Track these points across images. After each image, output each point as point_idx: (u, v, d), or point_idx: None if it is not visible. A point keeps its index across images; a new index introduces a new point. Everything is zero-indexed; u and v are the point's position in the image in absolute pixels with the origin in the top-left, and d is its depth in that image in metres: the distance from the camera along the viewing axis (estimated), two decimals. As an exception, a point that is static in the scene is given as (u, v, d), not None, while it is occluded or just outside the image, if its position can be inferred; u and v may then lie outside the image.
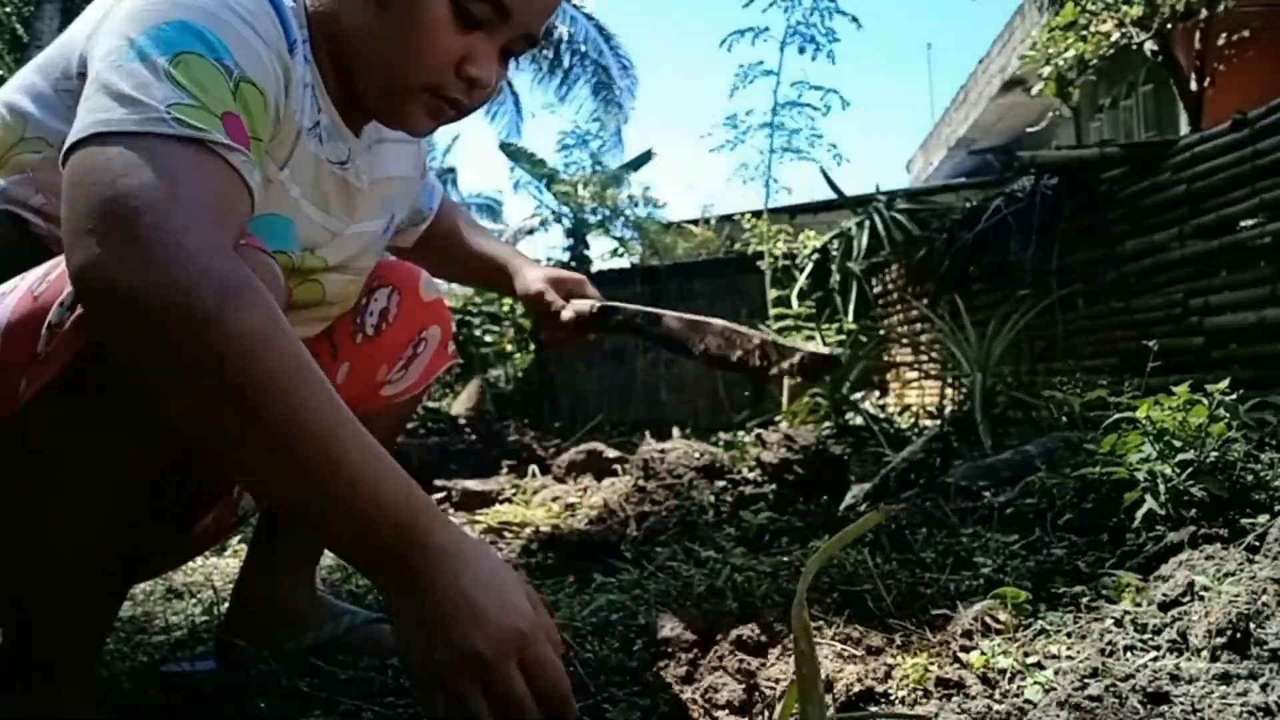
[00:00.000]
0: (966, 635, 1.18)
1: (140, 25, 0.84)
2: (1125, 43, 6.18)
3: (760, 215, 7.59)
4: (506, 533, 2.39)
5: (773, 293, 6.98)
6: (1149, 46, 6.14)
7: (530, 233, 15.31)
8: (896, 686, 1.02)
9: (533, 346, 8.62)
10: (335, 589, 1.74)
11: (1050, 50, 6.56)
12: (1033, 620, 1.22)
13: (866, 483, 2.53)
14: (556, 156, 12.83)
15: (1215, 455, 1.60)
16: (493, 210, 20.39)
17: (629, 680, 1.10)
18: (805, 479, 2.54)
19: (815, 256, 7.42)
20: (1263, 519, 1.44)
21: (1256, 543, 1.36)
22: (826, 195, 8.02)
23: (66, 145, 0.79)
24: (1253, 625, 1.03)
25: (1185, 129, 6.25)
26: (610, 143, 14.14)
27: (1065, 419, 3.04)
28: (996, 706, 0.95)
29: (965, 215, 5.53)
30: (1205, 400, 1.63)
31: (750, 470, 3.01)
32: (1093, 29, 6.23)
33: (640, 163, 14.03)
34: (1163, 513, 1.58)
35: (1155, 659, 1.05)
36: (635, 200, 11.83)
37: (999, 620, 1.22)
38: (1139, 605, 1.24)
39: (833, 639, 1.17)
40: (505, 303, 9.41)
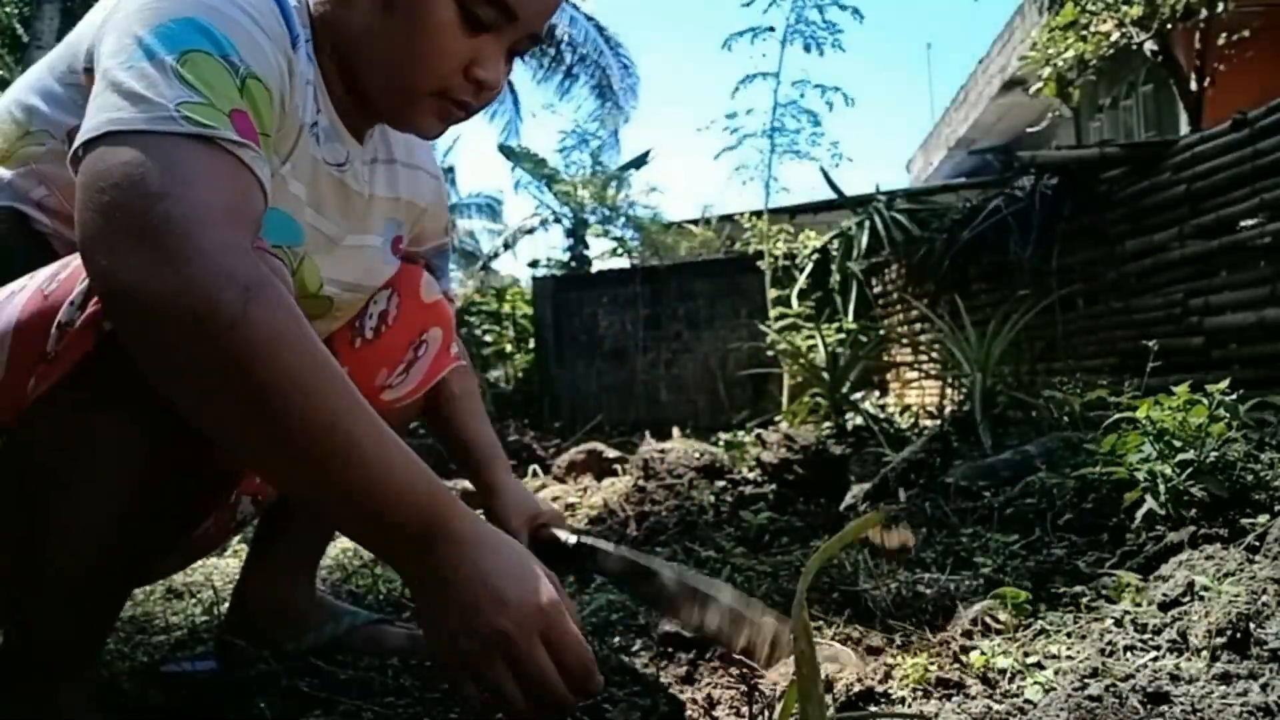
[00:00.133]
0: (966, 635, 1.18)
1: (147, 22, 0.84)
2: (1125, 43, 6.18)
3: (760, 215, 7.59)
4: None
5: (773, 292, 6.98)
6: (1149, 46, 6.15)
7: (530, 232, 15.31)
8: (896, 686, 1.02)
9: (533, 345, 8.61)
10: (335, 589, 1.74)
11: (1050, 50, 6.56)
12: (1033, 620, 1.22)
13: (866, 483, 2.53)
14: (556, 157, 12.84)
15: (1215, 455, 1.60)
16: (493, 210, 20.36)
17: (629, 680, 1.10)
18: (805, 479, 2.54)
19: (815, 256, 7.43)
20: (1263, 519, 1.44)
21: (1256, 543, 1.36)
22: (826, 195, 8.02)
23: (77, 144, 0.78)
24: (1253, 625, 1.03)
25: (1185, 129, 6.25)
26: (608, 143, 14.14)
27: (1065, 419, 3.04)
28: (996, 706, 0.95)
29: (965, 215, 5.53)
30: (1205, 400, 1.63)
31: (750, 470, 3.01)
32: (1093, 29, 6.23)
33: (639, 163, 14.03)
34: (1163, 513, 1.58)
35: (1155, 659, 1.05)
36: (633, 202, 11.83)
37: (999, 620, 1.22)
38: (1139, 605, 1.24)
39: (833, 639, 1.17)
40: (505, 303, 9.42)
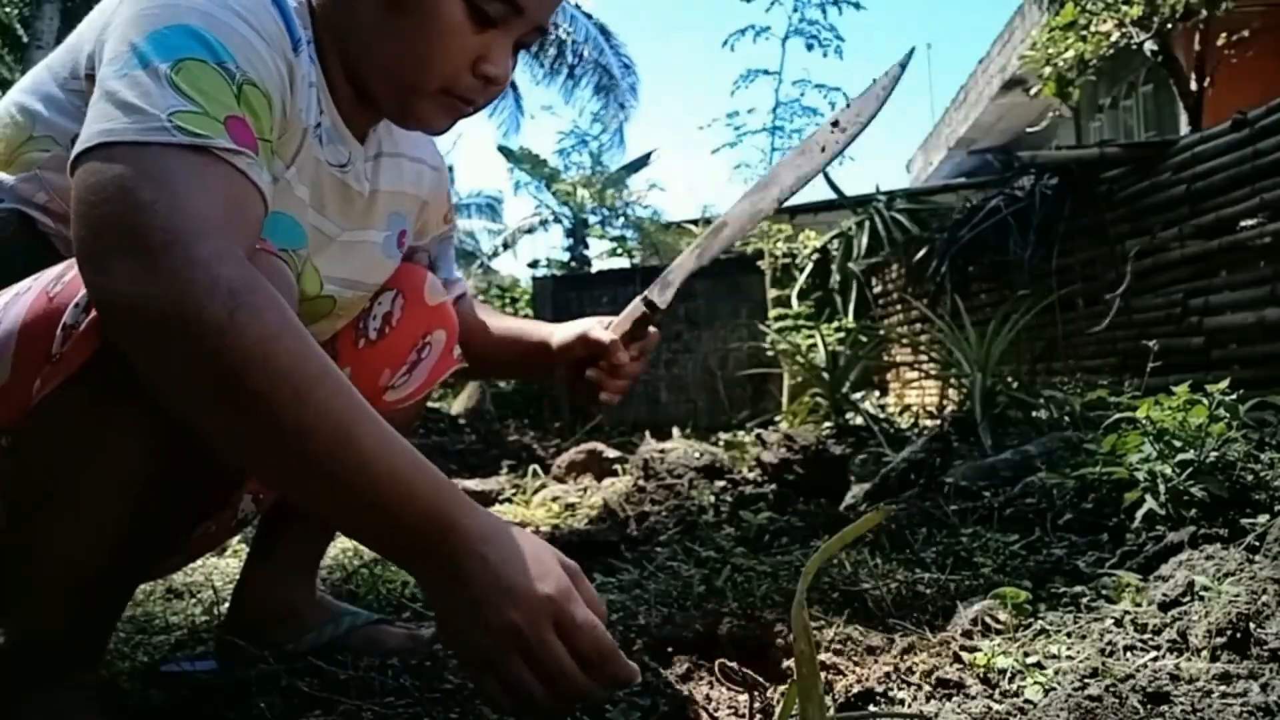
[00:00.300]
0: (966, 635, 1.18)
1: (142, 30, 0.84)
2: (1125, 43, 6.18)
3: (760, 215, 7.58)
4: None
5: (773, 292, 6.99)
6: (1149, 46, 6.14)
7: (530, 232, 15.32)
8: (896, 686, 1.02)
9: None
10: (335, 589, 1.74)
11: (1050, 50, 6.56)
12: (1033, 620, 1.22)
13: (866, 483, 2.53)
14: (556, 157, 12.83)
15: (1215, 455, 1.60)
16: (493, 210, 20.35)
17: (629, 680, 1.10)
18: (805, 479, 2.54)
19: (815, 256, 7.43)
20: (1263, 519, 1.45)
21: (1256, 543, 1.36)
22: (826, 195, 8.03)
23: (73, 156, 0.79)
24: (1253, 625, 1.03)
25: (1185, 129, 6.24)
26: (613, 142, 14.15)
27: (1065, 419, 3.04)
28: (996, 706, 0.95)
29: (965, 215, 5.53)
30: (1205, 400, 1.63)
31: (750, 470, 3.01)
32: (1093, 29, 6.23)
33: (640, 164, 14.03)
34: (1163, 513, 1.58)
35: (1155, 659, 1.05)
36: (630, 201, 11.82)
37: (999, 620, 1.22)
38: (1139, 605, 1.24)
39: (833, 639, 1.17)
40: (506, 303, 9.42)
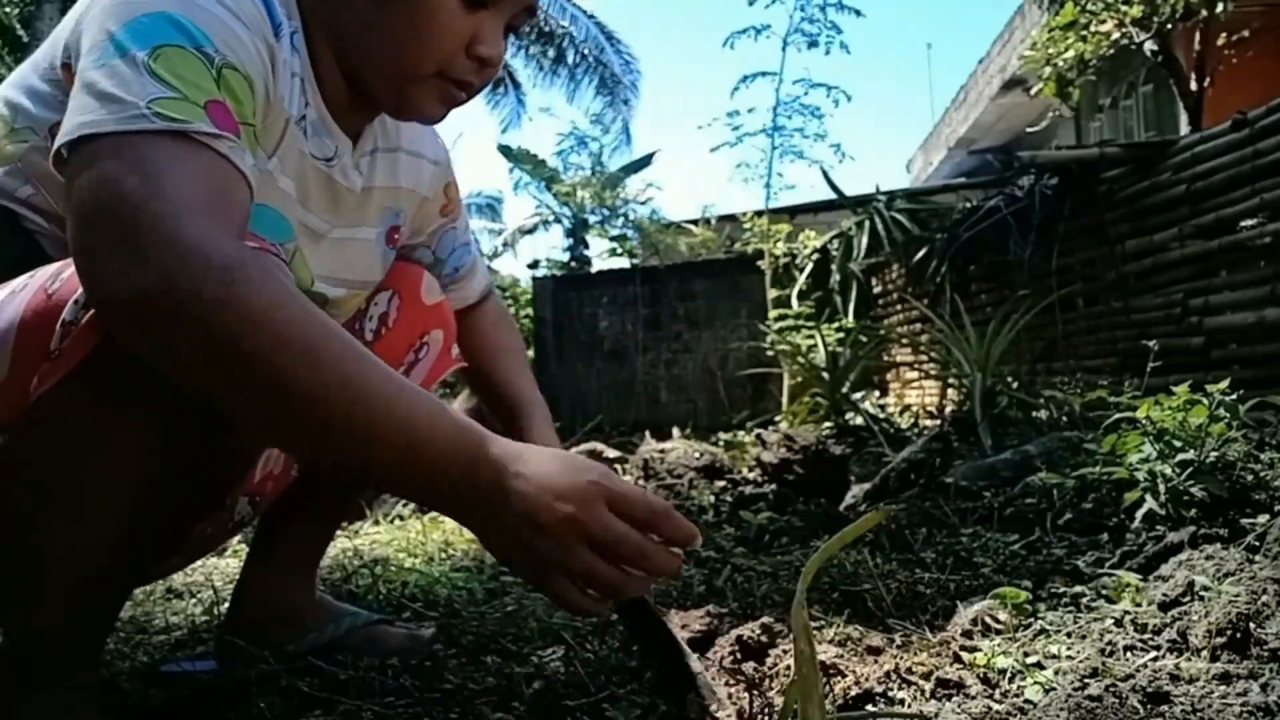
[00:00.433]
0: (966, 635, 1.18)
1: (119, 19, 0.83)
2: (1125, 43, 6.18)
3: (761, 215, 7.59)
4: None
5: (773, 292, 6.99)
6: (1149, 46, 6.14)
7: (530, 232, 15.31)
8: (896, 686, 1.02)
9: (533, 345, 8.62)
10: (335, 589, 1.74)
11: (1050, 50, 6.56)
12: (1033, 620, 1.22)
13: (866, 483, 2.54)
14: (556, 158, 12.82)
15: (1215, 455, 1.60)
16: (493, 210, 20.33)
17: (629, 680, 1.10)
18: (805, 479, 2.54)
19: (815, 256, 7.43)
20: (1263, 519, 1.45)
21: (1256, 543, 1.36)
22: (826, 195, 8.03)
23: (54, 149, 0.79)
24: (1253, 625, 1.03)
25: (1185, 129, 6.24)
26: (620, 140, 14.17)
27: (1065, 419, 3.04)
28: (996, 706, 0.95)
29: (965, 215, 5.53)
30: (1205, 400, 1.63)
31: (750, 470, 3.01)
32: (1093, 29, 6.23)
33: (641, 165, 14.02)
34: (1163, 513, 1.58)
35: (1155, 659, 1.05)
36: (629, 200, 11.81)
37: (999, 620, 1.22)
38: (1139, 605, 1.24)
39: (833, 639, 1.17)
40: (509, 303, 9.41)
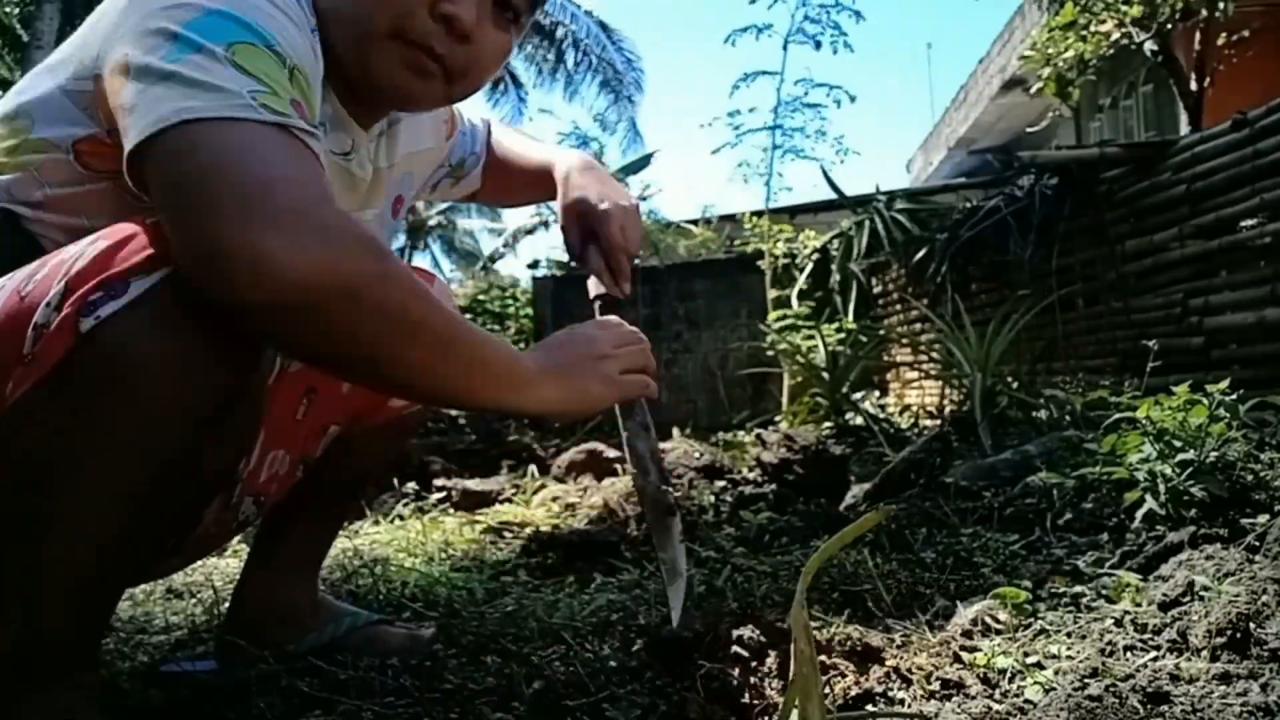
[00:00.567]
0: (966, 635, 1.18)
1: (175, 19, 0.82)
2: (1125, 43, 6.18)
3: (761, 215, 7.59)
4: (506, 533, 2.38)
5: (773, 292, 6.98)
6: (1149, 46, 6.14)
7: (530, 232, 15.33)
8: (896, 687, 1.02)
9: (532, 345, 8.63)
10: (335, 589, 1.74)
11: (1050, 50, 6.56)
12: (1033, 620, 1.23)
13: (866, 483, 2.53)
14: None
15: (1215, 455, 1.60)
16: (493, 210, 20.34)
17: (629, 680, 1.10)
18: (805, 479, 2.54)
19: (815, 256, 7.42)
20: (1263, 519, 1.45)
21: (1256, 543, 1.36)
22: (826, 195, 8.02)
23: (137, 140, 0.77)
24: (1253, 625, 1.03)
25: (1185, 129, 6.24)
26: (628, 138, 14.21)
27: (1065, 419, 3.04)
28: (996, 706, 0.95)
29: (965, 215, 5.53)
30: (1205, 400, 1.63)
31: (750, 470, 3.01)
32: (1093, 29, 6.23)
33: (640, 166, 14.02)
34: (1163, 513, 1.58)
35: (1155, 659, 1.05)
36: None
37: (999, 620, 1.22)
38: (1139, 605, 1.24)
39: (833, 639, 1.17)
40: (509, 302, 9.42)
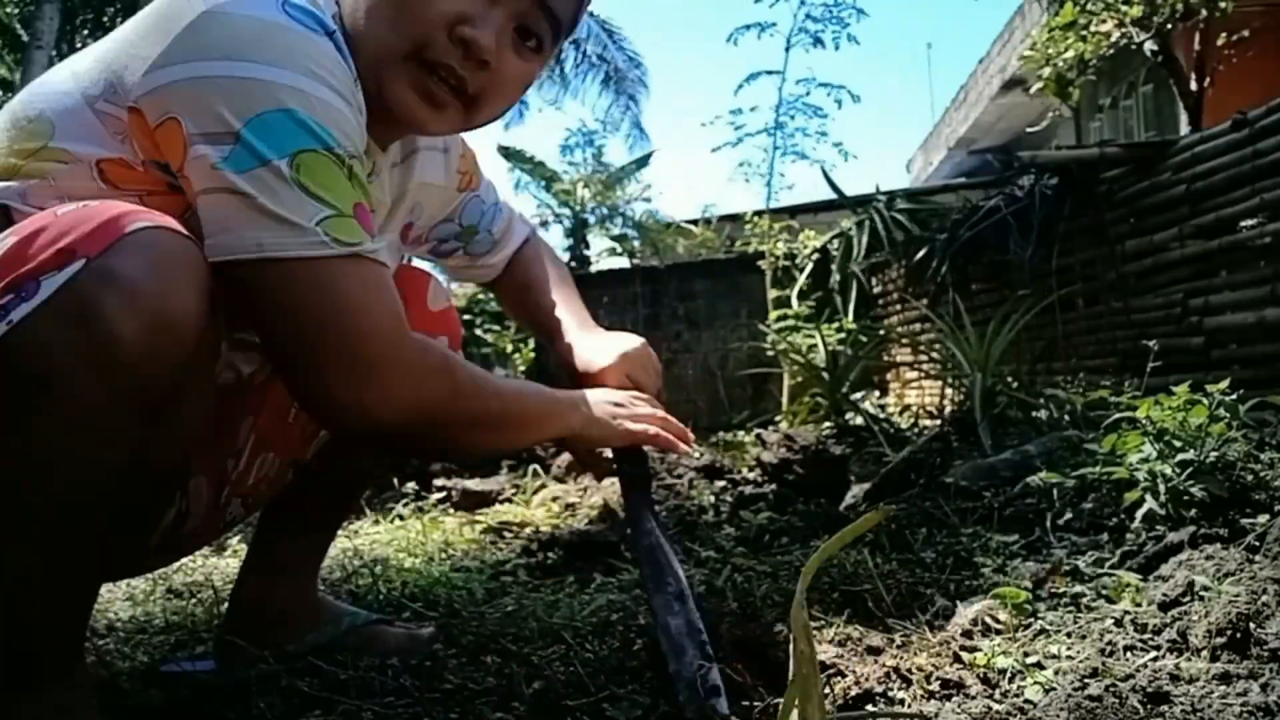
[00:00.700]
0: (966, 635, 1.18)
1: (237, 111, 0.83)
2: (1125, 43, 6.18)
3: (762, 214, 7.59)
4: (506, 533, 2.38)
5: (773, 293, 6.98)
6: (1149, 46, 6.14)
7: (531, 233, 15.35)
8: (896, 687, 1.02)
9: (532, 345, 8.61)
10: (335, 589, 1.74)
11: (1050, 50, 6.55)
12: (1033, 620, 1.23)
13: (866, 483, 2.53)
14: (558, 155, 12.81)
15: (1215, 455, 1.60)
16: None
17: (629, 680, 1.10)
18: (805, 479, 2.53)
19: (815, 256, 7.42)
20: (1263, 519, 1.45)
21: (1256, 543, 1.36)
22: (827, 195, 8.02)
23: (219, 258, 0.85)
24: (1253, 625, 1.03)
25: (1185, 129, 6.24)
26: (632, 135, 14.24)
27: (1066, 419, 3.03)
28: (996, 706, 0.95)
29: (965, 215, 5.53)
30: (1205, 400, 1.63)
31: (750, 470, 3.01)
32: (1093, 29, 6.23)
33: (641, 165, 14.04)
34: (1163, 513, 1.58)
35: (1155, 659, 1.05)
36: (633, 199, 11.84)
37: (999, 620, 1.22)
38: (1139, 605, 1.24)
39: (833, 639, 1.17)
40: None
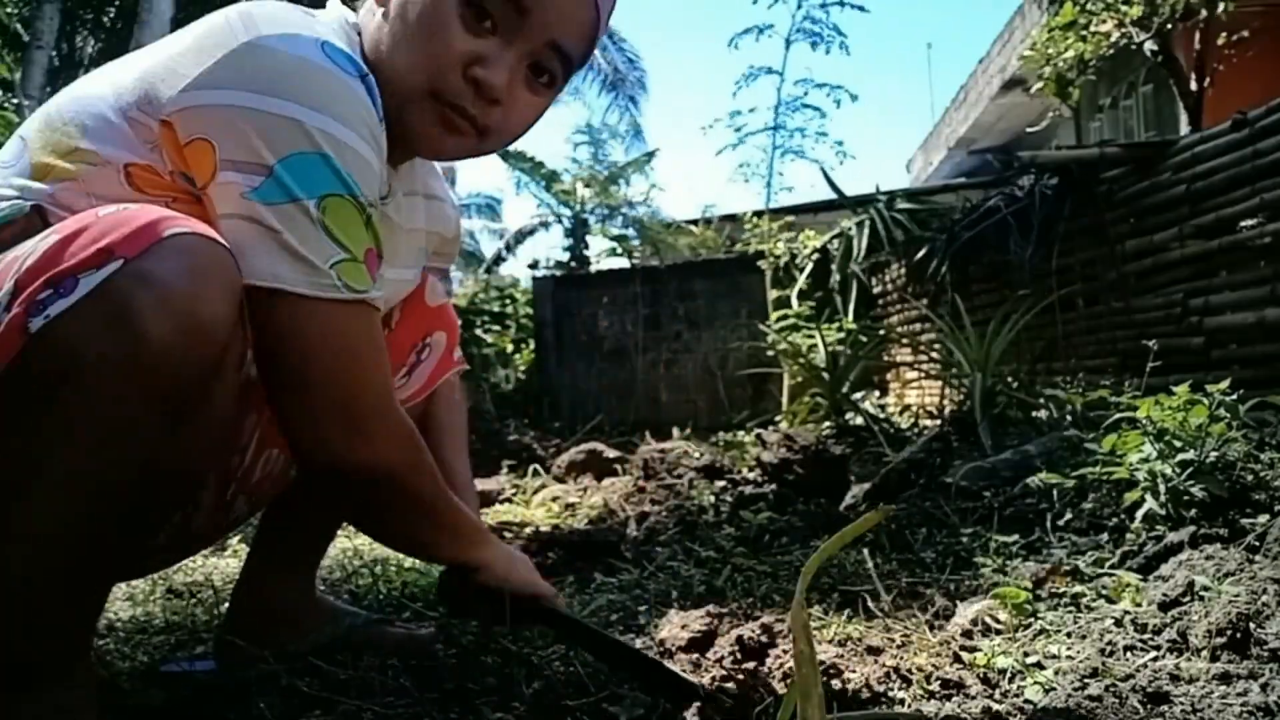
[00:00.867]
0: (966, 635, 1.18)
1: (274, 148, 0.87)
2: (1125, 43, 6.17)
3: (761, 215, 7.59)
4: (506, 533, 2.39)
5: (773, 293, 6.98)
6: (1149, 46, 6.14)
7: (530, 233, 15.34)
8: (896, 687, 1.02)
9: (533, 345, 8.62)
10: (335, 589, 1.74)
11: (1050, 50, 6.55)
12: (1033, 620, 1.23)
13: (866, 483, 2.53)
14: (558, 155, 12.80)
15: (1215, 455, 1.60)
16: (493, 210, 20.33)
17: (629, 679, 1.10)
18: (805, 479, 2.53)
19: (815, 256, 7.42)
20: (1263, 519, 1.45)
21: (1256, 543, 1.36)
22: (826, 195, 8.03)
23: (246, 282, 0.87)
24: (1253, 625, 1.03)
25: (1185, 129, 6.24)
26: (629, 136, 14.25)
27: (1066, 419, 3.03)
28: (996, 706, 0.95)
29: (965, 215, 5.53)
30: (1205, 400, 1.63)
31: (750, 470, 3.01)
32: (1093, 29, 6.22)
33: (647, 161, 14.04)
34: (1163, 513, 1.58)
35: (1155, 659, 1.05)
36: (634, 201, 11.84)
37: (999, 620, 1.22)
38: (1139, 605, 1.24)
39: (833, 639, 1.17)
40: (508, 302, 9.42)
